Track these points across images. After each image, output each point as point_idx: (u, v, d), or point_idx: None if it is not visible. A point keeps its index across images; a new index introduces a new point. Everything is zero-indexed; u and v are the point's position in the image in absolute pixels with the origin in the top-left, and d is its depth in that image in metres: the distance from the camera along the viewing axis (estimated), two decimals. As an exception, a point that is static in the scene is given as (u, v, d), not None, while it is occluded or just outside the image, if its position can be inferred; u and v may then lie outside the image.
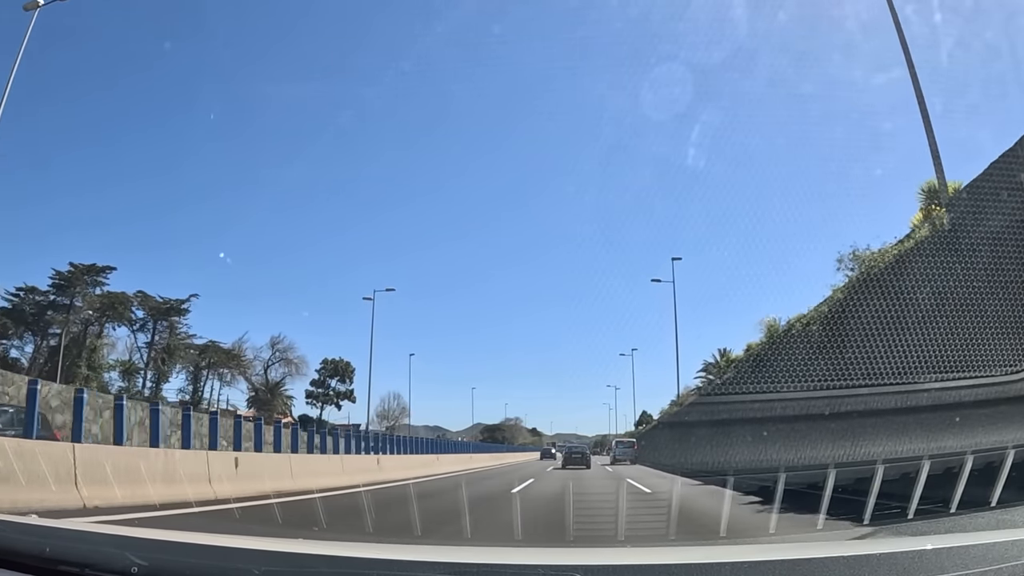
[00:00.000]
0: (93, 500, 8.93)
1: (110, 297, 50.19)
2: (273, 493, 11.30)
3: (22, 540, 2.04)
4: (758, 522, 8.42)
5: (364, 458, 23.50)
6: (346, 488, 14.19)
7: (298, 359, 61.06)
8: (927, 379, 10.36)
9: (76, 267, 48.63)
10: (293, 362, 61.04)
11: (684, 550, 3.86)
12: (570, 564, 1.87)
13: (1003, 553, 1.85)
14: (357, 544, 2.68)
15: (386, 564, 2.07)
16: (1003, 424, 8.94)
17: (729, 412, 19.60)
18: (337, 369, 65.46)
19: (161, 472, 10.55)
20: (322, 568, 2.02)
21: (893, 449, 9.96)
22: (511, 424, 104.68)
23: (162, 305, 53.01)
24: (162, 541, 2.15)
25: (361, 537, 7.71)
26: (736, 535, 7.28)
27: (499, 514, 10.25)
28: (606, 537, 7.18)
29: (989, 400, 9.57)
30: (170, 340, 53.33)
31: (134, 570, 1.82)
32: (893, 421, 10.79)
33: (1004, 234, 10.42)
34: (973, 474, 7.07)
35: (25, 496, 8.00)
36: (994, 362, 9.90)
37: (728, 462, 17.55)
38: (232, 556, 2.10)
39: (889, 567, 1.80)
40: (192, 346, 55.19)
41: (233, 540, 2.36)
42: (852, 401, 11.58)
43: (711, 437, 22.01)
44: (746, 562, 1.88)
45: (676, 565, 1.94)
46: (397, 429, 65.04)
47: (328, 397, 65.69)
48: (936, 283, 11.05)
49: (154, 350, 52.79)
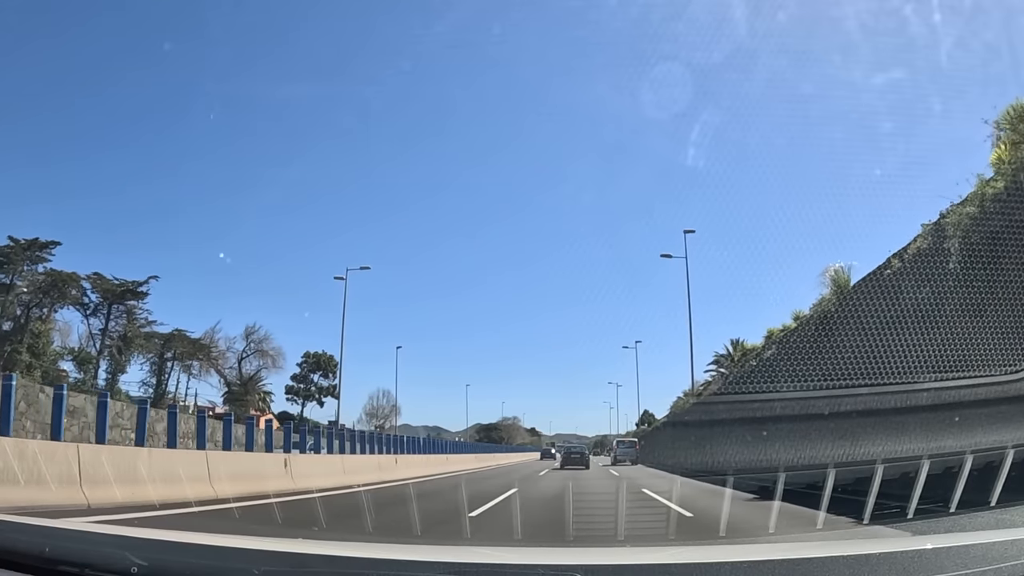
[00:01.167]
0: (93, 500, 8.92)
1: (54, 275, 43.93)
2: (274, 493, 11.27)
3: (22, 540, 2.03)
4: (758, 521, 8.42)
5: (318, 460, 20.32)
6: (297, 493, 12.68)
7: (274, 351, 55.60)
8: (926, 379, 10.36)
9: (16, 242, 42.44)
10: (269, 354, 55.49)
11: (684, 550, 3.87)
12: (570, 564, 1.87)
13: (1003, 553, 1.85)
14: (356, 544, 2.68)
15: (386, 564, 2.07)
16: (1003, 424, 8.94)
17: (729, 412, 19.61)
18: (320, 363, 60.50)
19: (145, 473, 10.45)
20: (322, 568, 2.02)
21: (893, 449, 9.96)
22: (508, 424, 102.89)
23: (117, 287, 46.69)
24: (162, 541, 2.15)
25: (356, 537, 7.71)
26: (736, 534, 7.28)
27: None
28: (606, 537, 7.19)
29: (989, 400, 9.57)
30: (128, 327, 47.33)
31: (134, 570, 1.82)
32: (893, 421, 10.78)
33: (1003, 233, 10.41)
34: (973, 474, 7.08)
35: (25, 496, 7.99)
36: (994, 361, 9.89)
37: (727, 462, 17.55)
38: (232, 556, 2.11)
39: (889, 566, 1.80)
40: (155, 335, 49.12)
41: (233, 540, 2.36)
42: (852, 401, 11.58)
43: (711, 437, 22.01)
44: (746, 562, 1.88)
45: (676, 565, 1.94)
46: (392, 429, 62.49)
47: (310, 393, 61.19)
48: (936, 282, 11.04)
49: (109, 337, 46.82)
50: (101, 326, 46.87)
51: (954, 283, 10.73)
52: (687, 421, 28.17)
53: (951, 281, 10.78)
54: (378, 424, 66.15)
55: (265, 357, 55.38)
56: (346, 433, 31.06)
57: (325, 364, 60.44)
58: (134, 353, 48.57)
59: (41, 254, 43.71)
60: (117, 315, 47.59)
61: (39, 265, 44.06)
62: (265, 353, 55.27)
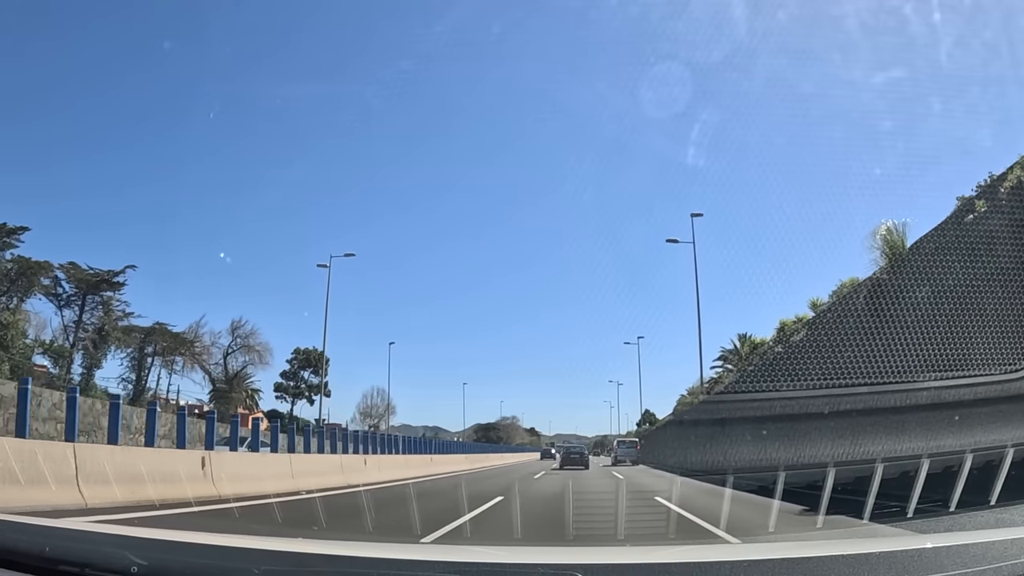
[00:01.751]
0: (93, 500, 8.90)
1: (22, 263, 40.84)
2: (273, 493, 11.18)
3: (22, 540, 2.03)
4: (758, 520, 8.42)
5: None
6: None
7: (261, 346, 52.91)
8: (926, 378, 10.36)
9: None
10: (256, 349, 52.75)
11: (684, 549, 3.87)
12: (570, 563, 1.87)
13: (1002, 552, 1.85)
14: (357, 543, 2.68)
15: (386, 563, 2.07)
16: (1002, 423, 8.94)
17: (730, 411, 19.59)
18: (310, 360, 57.88)
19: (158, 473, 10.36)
20: (322, 567, 2.02)
21: (893, 448, 9.96)
22: (507, 423, 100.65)
23: (91, 277, 43.63)
24: (163, 540, 2.15)
25: (352, 536, 7.68)
26: (735, 534, 7.28)
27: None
28: (606, 536, 7.19)
29: (988, 399, 9.58)
30: (104, 319, 44.32)
31: (134, 569, 1.82)
32: (892, 420, 10.78)
33: (1003, 233, 10.41)
34: (972, 473, 7.09)
35: (25, 495, 7.99)
36: (993, 361, 9.90)
37: (727, 461, 17.54)
38: (232, 555, 2.11)
39: (888, 566, 1.81)
40: (135, 328, 46.48)
41: (233, 539, 2.36)
42: (851, 400, 11.58)
43: (711, 436, 22.02)
44: (745, 561, 1.88)
45: (676, 564, 1.94)
46: (389, 428, 60.43)
47: (300, 391, 59.04)
48: (935, 282, 11.04)
49: (84, 330, 43.90)
50: (76, 318, 43.79)
51: (954, 281, 10.70)
52: (694, 420, 28.06)
53: (951, 280, 10.75)
54: (372, 424, 63.57)
55: (251, 352, 52.84)
56: (316, 430, 28.01)
57: (316, 361, 57.47)
58: (111, 347, 45.62)
59: (9, 240, 40.25)
60: (92, 306, 44.40)
61: (6, 252, 40.64)
62: (251, 348, 52.69)
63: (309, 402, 59.09)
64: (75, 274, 43.57)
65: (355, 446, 27.10)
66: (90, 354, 43.91)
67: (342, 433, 29.83)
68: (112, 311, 44.88)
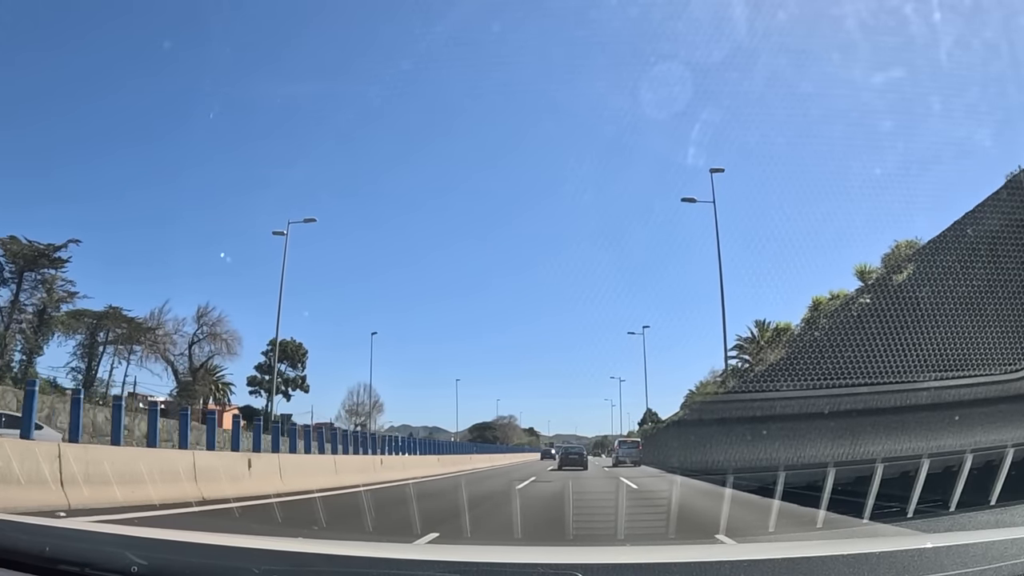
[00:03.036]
0: (93, 500, 8.90)
1: None
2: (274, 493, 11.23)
3: (22, 539, 2.03)
4: (758, 520, 8.42)
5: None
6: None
7: (228, 334, 47.69)
8: (926, 378, 10.36)
9: None
10: (223, 338, 47.51)
11: (684, 549, 3.86)
12: (570, 563, 1.86)
13: (1002, 552, 1.85)
14: (357, 543, 2.68)
15: (386, 563, 2.06)
16: (1002, 423, 8.94)
17: (728, 411, 19.57)
18: (287, 352, 53.53)
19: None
20: (322, 567, 2.02)
21: (892, 448, 9.96)
22: (504, 423, 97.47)
23: (28, 251, 37.42)
24: (163, 540, 2.15)
25: (354, 536, 7.68)
26: (735, 533, 7.28)
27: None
28: (606, 536, 7.19)
29: (988, 399, 9.58)
30: (46, 299, 38.50)
31: (134, 569, 1.82)
32: (892, 420, 10.78)
33: (1003, 234, 10.41)
34: (972, 473, 7.09)
35: (25, 495, 7.99)
36: (993, 361, 9.90)
37: (729, 461, 17.53)
38: (232, 555, 2.10)
39: (888, 565, 1.81)
40: (85, 312, 41.04)
41: (233, 539, 2.36)
42: (851, 400, 11.57)
43: (711, 436, 22.01)
44: (745, 560, 1.88)
45: (676, 564, 1.94)
46: (392, 429, 59.00)
47: (276, 385, 53.81)
48: (936, 282, 11.03)
49: (20, 311, 38.07)
50: (12, 297, 37.65)
51: (954, 282, 10.69)
52: (687, 420, 28.05)
53: (951, 280, 10.73)
54: (359, 422, 59.40)
55: (218, 341, 47.48)
56: (317, 434, 24.82)
57: (293, 353, 54.20)
58: (55, 332, 40.06)
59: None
60: (31, 285, 38.31)
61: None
62: (218, 337, 47.34)
63: (286, 397, 55.51)
64: (12, 248, 37.27)
65: (354, 447, 27.15)
66: (28, 340, 38.30)
67: (342, 435, 28.65)
68: (55, 291, 38.82)
